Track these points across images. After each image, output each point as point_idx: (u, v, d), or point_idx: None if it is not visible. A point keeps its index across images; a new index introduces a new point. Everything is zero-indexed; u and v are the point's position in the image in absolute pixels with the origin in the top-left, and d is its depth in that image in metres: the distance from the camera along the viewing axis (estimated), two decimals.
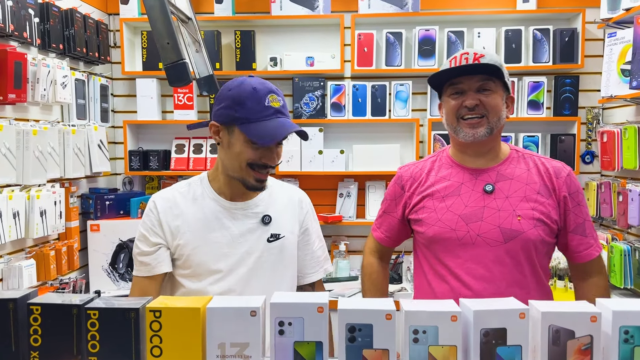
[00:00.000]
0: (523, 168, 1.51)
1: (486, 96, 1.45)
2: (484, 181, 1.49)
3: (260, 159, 1.38)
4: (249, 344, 0.87)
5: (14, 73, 2.15)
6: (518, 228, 1.43)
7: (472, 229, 1.45)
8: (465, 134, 1.46)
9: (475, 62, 1.43)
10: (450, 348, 0.86)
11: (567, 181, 1.49)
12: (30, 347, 0.92)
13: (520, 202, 1.45)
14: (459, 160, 1.55)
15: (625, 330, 0.86)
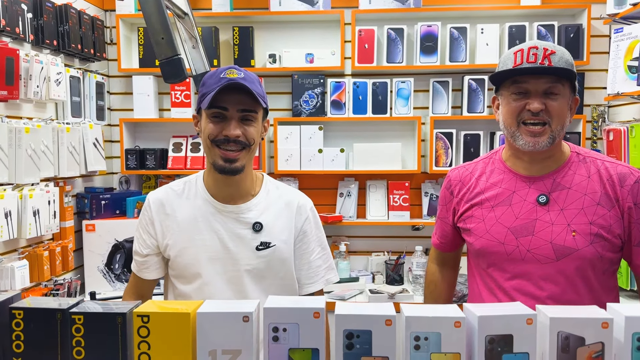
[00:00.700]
0: (583, 175, 1.38)
1: (553, 100, 1.33)
2: (538, 190, 1.39)
3: (221, 132, 1.36)
4: (241, 351, 0.84)
5: (6, 69, 2.12)
6: (572, 245, 1.33)
7: (522, 243, 1.36)
8: (525, 142, 1.35)
9: (545, 59, 1.30)
10: (453, 355, 0.82)
11: (634, 189, 1.34)
12: (13, 353, 0.88)
13: (577, 216, 1.34)
14: (511, 166, 1.45)
15: (638, 337, 0.82)
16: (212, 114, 1.37)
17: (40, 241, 2.57)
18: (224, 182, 1.43)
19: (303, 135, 3.17)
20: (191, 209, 1.45)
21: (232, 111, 1.36)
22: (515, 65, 1.34)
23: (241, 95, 1.35)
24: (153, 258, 1.49)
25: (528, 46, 1.35)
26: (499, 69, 1.40)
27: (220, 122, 1.36)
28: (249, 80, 1.36)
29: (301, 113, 3.21)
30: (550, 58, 1.31)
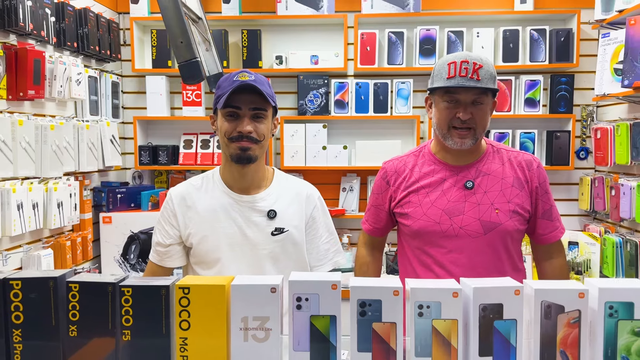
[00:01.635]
0: (498, 163, 1.60)
1: (478, 110, 1.51)
2: (465, 178, 1.58)
3: (235, 129, 1.47)
4: (269, 317, 0.95)
5: (34, 70, 2.22)
6: (496, 220, 1.54)
7: (455, 222, 1.55)
8: (453, 142, 1.54)
9: (474, 73, 1.47)
10: (452, 322, 0.94)
11: (537, 172, 1.60)
12: (69, 321, 0.99)
13: (497, 196, 1.56)
14: (441, 157, 1.62)
15: (610, 306, 0.93)
16: (227, 112, 1.48)
17: (61, 232, 2.68)
18: (240, 173, 1.55)
19: (308, 133, 3.28)
20: (210, 200, 1.56)
21: (244, 110, 1.47)
22: (449, 76, 1.49)
23: (252, 95, 1.47)
24: (175, 247, 1.59)
25: (460, 59, 1.49)
26: (435, 77, 1.55)
27: (234, 120, 1.48)
28: (259, 81, 1.48)
29: (306, 112, 3.32)
30: (479, 72, 1.48)
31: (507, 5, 3.31)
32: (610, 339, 0.94)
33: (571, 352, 0.94)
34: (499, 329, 0.94)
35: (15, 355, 1.00)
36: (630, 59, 2.40)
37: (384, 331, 0.94)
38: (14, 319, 1.00)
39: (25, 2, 2.19)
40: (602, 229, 3.10)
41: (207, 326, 0.96)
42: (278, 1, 3.25)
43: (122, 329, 0.98)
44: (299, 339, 0.95)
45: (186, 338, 0.97)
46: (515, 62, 3.24)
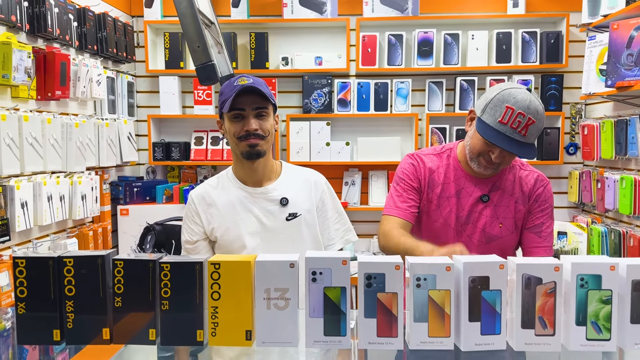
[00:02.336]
0: (511, 179, 1.67)
1: (511, 156, 1.55)
2: (481, 191, 1.65)
3: (243, 129, 1.59)
4: (288, 289, 1.08)
5: (60, 72, 2.35)
6: (498, 234, 1.64)
7: (465, 230, 1.65)
8: (477, 168, 1.60)
9: (523, 130, 1.45)
10: (445, 292, 1.06)
11: (541, 191, 1.65)
12: (115, 294, 1.12)
13: (504, 212, 1.64)
14: (465, 168, 1.67)
15: (581, 278, 1.06)
16: (233, 115, 1.60)
17: (82, 223, 2.81)
18: (251, 169, 1.67)
19: (312, 130, 3.41)
20: (227, 196, 1.68)
21: (248, 110, 1.59)
22: (501, 121, 1.47)
23: (254, 96, 1.59)
24: (202, 243, 1.71)
25: (519, 110, 1.45)
26: (489, 108, 1.51)
27: (240, 121, 1.60)
28: (257, 83, 1.60)
29: (311, 110, 3.44)
30: (529, 128, 1.46)
31: (501, 9, 3.43)
32: (582, 307, 1.06)
33: (548, 318, 1.07)
34: (485, 298, 1.06)
35: (67, 323, 1.13)
36: (613, 61, 2.52)
37: (387, 300, 1.07)
38: (67, 292, 1.12)
39: (53, 9, 2.31)
40: (589, 220, 3.23)
41: (235, 297, 1.09)
42: (284, 5, 3.37)
43: (161, 300, 1.10)
44: (314, 307, 1.08)
45: (217, 307, 1.09)
46: (508, 63, 3.36)
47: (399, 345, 1.06)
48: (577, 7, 3.20)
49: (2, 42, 1.96)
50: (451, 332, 1.06)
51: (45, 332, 1.11)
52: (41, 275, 1.10)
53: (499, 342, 1.07)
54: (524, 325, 1.06)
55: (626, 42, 2.45)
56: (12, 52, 1.98)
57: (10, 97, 2.16)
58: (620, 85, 2.50)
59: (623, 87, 2.49)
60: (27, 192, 2.17)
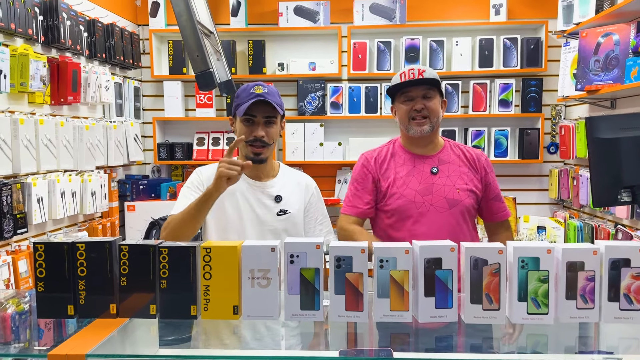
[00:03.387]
0: (455, 155, 1.88)
1: (429, 101, 1.79)
2: (430, 165, 1.85)
3: (251, 134, 1.73)
4: (270, 270, 1.21)
5: (72, 79, 2.49)
6: (458, 198, 1.81)
7: (426, 200, 1.81)
8: (414, 130, 1.81)
9: (419, 75, 1.76)
10: (404, 272, 1.20)
11: (485, 164, 1.89)
12: (120, 274, 1.26)
13: (457, 179, 1.83)
14: (409, 149, 1.88)
15: (522, 260, 1.19)
16: (245, 119, 1.75)
17: (92, 218, 2.96)
18: (253, 167, 1.81)
19: (307, 131, 3.54)
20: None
21: (259, 117, 1.74)
22: (401, 80, 1.79)
23: (265, 105, 1.73)
24: None
25: (408, 69, 1.80)
26: (391, 86, 1.82)
27: (250, 125, 1.74)
28: (271, 94, 1.74)
29: (305, 112, 3.57)
30: (423, 74, 1.76)
31: (483, 16, 3.55)
32: (523, 285, 1.20)
33: (493, 295, 1.20)
34: (439, 276, 1.20)
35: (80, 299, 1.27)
36: (582, 66, 2.64)
37: (354, 279, 1.20)
38: (79, 273, 1.26)
39: (66, 22, 2.46)
40: (567, 215, 3.36)
41: (223, 277, 1.23)
42: (280, 15, 3.51)
43: (160, 279, 1.24)
44: (292, 285, 1.22)
45: (208, 286, 1.23)
46: (490, 67, 3.49)
47: (364, 318, 1.20)
48: (555, 14, 3.31)
49: (20, 54, 2.11)
50: (410, 306, 1.20)
51: (61, 307, 1.24)
52: (57, 258, 1.23)
53: (451, 314, 1.20)
54: (472, 301, 1.19)
55: (594, 49, 2.57)
56: (29, 62, 2.13)
57: (27, 103, 2.31)
58: (589, 89, 2.62)
59: (591, 90, 2.62)
60: (43, 188, 2.32)
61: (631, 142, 1.45)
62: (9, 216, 2.10)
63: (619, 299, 1.18)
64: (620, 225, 2.63)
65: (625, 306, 1.18)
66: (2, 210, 2.06)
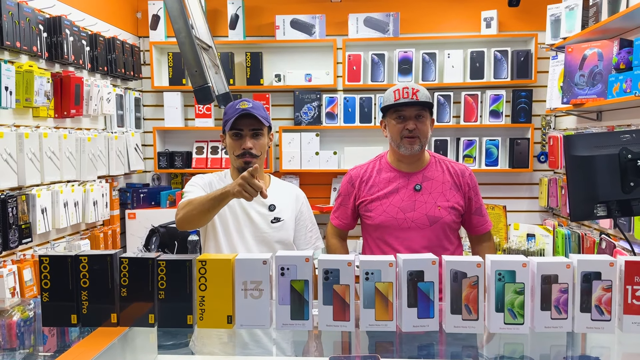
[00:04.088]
0: (439, 171, 1.92)
1: (420, 122, 1.84)
2: (414, 182, 1.90)
3: (240, 147, 1.81)
4: (262, 281, 1.27)
5: (75, 93, 2.56)
6: (438, 215, 1.86)
7: (408, 217, 1.86)
8: (405, 149, 1.85)
9: (414, 96, 1.80)
10: (389, 283, 1.26)
11: (469, 179, 1.92)
12: (121, 285, 1.32)
13: (439, 197, 1.88)
14: (395, 166, 1.92)
15: (499, 273, 1.25)
16: (233, 134, 1.83)
17: (94, 226, 3.02)
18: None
19: (303, 141, 3.61)
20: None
21: (245, 131, 1.82)
22: (395, 99, 1.82)
23: (251, 119, 1.81)
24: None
25: (402, 87, 1.82)
26: (385, 103, 1.86)
27: (239, 139, 1.82)
28: (255, 107, 1.82)
29: (301, 122, 3.64)
30: (417, 94, 1.81)
31: (474, 29, 3.63)
32: (500, 297, 1.26)
33: (472, 306, 1.26)
34: (421, 288, 1.26)
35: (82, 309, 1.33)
36: (568, 80, 2.71)
37: (341, 291, 1.26)
38: (82, 284, 1.32)
39: (69, 38, 2.53)
40: (556, 223, 3.42)
41: (218, 288, 1.29)
42: (277, 27, 3.58)
43: (158, 290, 1.30)
44: (283, 296, 1.28)
45: (203, 297, 1.29)
46: (481, 79, 3.56)
47: (351, 327, 1.26)
48: (545, 27, 3.39)
49: (25, 70, 2.18)
50: (394, 316, 1.26)
51: (65, 316, 1.30)
52: (61, 270, 1.29)
53: (433, 324, 1.26)
54: (452, 311, 1.26)
55: (579, 63, 2.64)
56: (34, 78, 2.20)
57: (32, 117, 2.37)
58: (574, 103, 2.69)
59: (576, 104, 2.69)
60: (46, 199, 2.39)
61: (605, 159, 1.51)
62: (15, 227, 2.16)
63: (590, 310, 1.23)
64: (605, 234, 2.69)
65: (597, 317, 1.24)
66: (7, 221, 2.12)
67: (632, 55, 2.25)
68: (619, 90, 2.30)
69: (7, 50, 2.21)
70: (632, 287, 1.21)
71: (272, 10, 3.65)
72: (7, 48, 2.16)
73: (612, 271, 1.22)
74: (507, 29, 3.62)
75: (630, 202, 1.52)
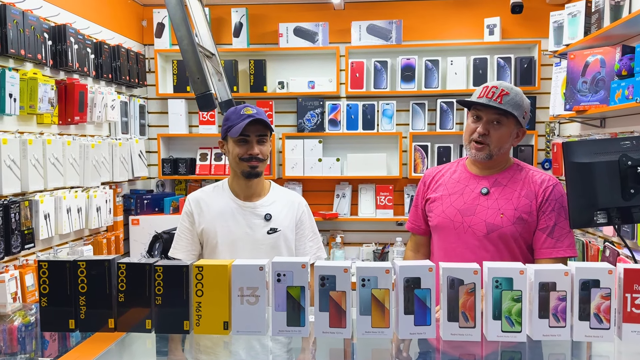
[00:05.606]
0: (517, 178, 1.72)
1: (495, 129, 1.65)
2: (482, 185, 1.73)
3: (246, 152, 1.81)
4: (258, 287, 1.27)
5: (79, 100, 2.59)
6: (499, 223, 1.67)
7: (466, 221, 1.70)
8: (470, 153, 1.72)
9: (498, 98, 1.61)
10: (385, 290, 1.25)
11: (550, 190, 1.68)
12: (118, 291, 1.32)
13: (506, 204, 1.68)
14: (469, 168, 1.79)
15: (496, 280, 1.24)
16: (239, 139, 1.82)
17: (97, 232, 3.03)
18: (246, 185, 1.88)
19: (306, 147, 3.61)
20: (220, 205, 1.89)
21: (252, 137, 1.82)
22: (479, 96, 1.66)
23: (257, 125, 1.81)
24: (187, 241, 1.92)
25: (492, 84, 1.65)
26: (474, 93, 1.70)
27: (245, 144, 1.82)
28: (260, 114, 1.83)
29: (304, 129, 3.65)
30: (503, 97, 1.62)
31: (477, 36, 3.63)
32: (497, 304, 1.25)
33: (469, 313, 1.25)
34: (418, 295, 1.25)
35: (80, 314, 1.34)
36: (570, 87, 2.70)
37: (338, 297, 1.26)
38: (80, 289, 1.33)
39: (73, 46, 2.56)
40: None
41: (215, 294, 1.29)
42: (280, 35, 3.60)
43: (155, 296, 1.30)
44: (279, 303, 1.27)
45: (200, 303, 1.29)
46: None
47: (347, 334, 1.25)
48: (548, 34, 3.39)
49: (30, 78, 2.21)
50: (390, 323, 1.25)
51: (63, 321, 1.30)
52: (60, 275, 1.30)
53: (429, 331, 1.25)
54: (449, 319, 1.25)
55: (581, 70, 2.63)
56: (38, 86, 2.23)
57: (36, 124, 2.40)
58: (577, 109, 2.68)
59: (579, 110, 2.68)
60: (50, 205, 2.41)
61: (605, 166, 1.50)
62: (17, 232, 2.18)
63: (589, 318, 1.22)
64: (609, 242, 2.67)
65: (595, 325, 1.22)
66: (10, 226, 2.14)
67: (634, 62, 2.24)
68: (621, 97, 2.28)
69: (11, 58, 2.24)
70: (632, 295, 1.20)
71: (275, 18, 3.67)
72: (11, 56, 2.19)
73: (610, 279, 1.21)
74: (510, 35, 3.62)
75: (630, 209, 1.51)
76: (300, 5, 3.69)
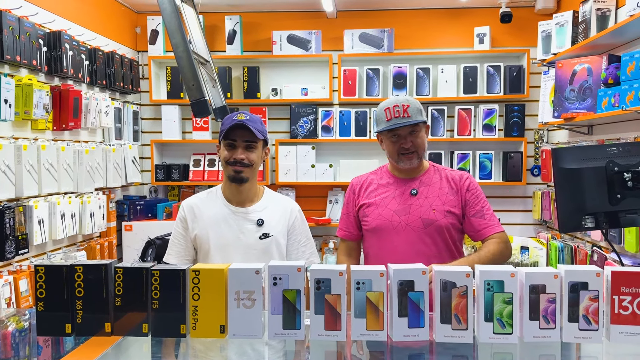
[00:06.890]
0: (437, 178, 1.94)
1: (415, 137, 1.85)
2: (410, 187, 1.92)
3: (232, 157, 1.83)
4: (254, 291, 1.29)
5: (73, 106, 2.59)
6: (433, 218, 1.87)
7: (402, 220, 1.88)
8: (404, 164, 1.88)
9: (405, 113, 1.81)
10: (379, 293, 1.27)
11: (466, 182, 1.92)
12: (115, 295, 1.33)
13: (435, 200, 1.89)
14: (394, 174, 1.96)
15: (487, 283, 1.27)
16: (227, 144, 1.85)
17: (91, 237, 3.02)
18: (237, 190, 1.90)
19: (299, 154, 3.64)
20: (213, 210, 1.90)
21: (239, 142, 1.84)
22: (387, 119, 1.83)
23: (245, 131, 1.83)
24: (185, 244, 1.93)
25: (392, 105, 1.83)
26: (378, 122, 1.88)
27: (232, 149, 1.84)
28: (252, 120, 1.84)
29: (297, 135, 3.67)
30: (408, 111, 1.82)
31: (468, 45, 3.68)
32: (489, 306, 1.27)
33: (462, 315, 1.28)
34: (411, 298, 1.27)
35: (77, 318, 1.34)
36: (559, 95, 2.76)
37: (333, 300, 1.28)
38: (77, 293, 1.33)
39: (68, 52, 2.56)
40: (550, 236, 3.44)
41: (211, 298, 1.30)
42: (274, 43, 3.63)
43: (152, 300, 1.31)
44: (275, 306, 1.29)
45: (197, 306, 1.30)
46: (475, 94, 3.60)
47: (342, 337, 1.27)
48: (536, 43, 3.45)
49: (25, 84, 2.21)
50: (384, 325, 1.27)
51: (59, 326, 1.31)
52: (56, 279, 1.30)
53: (423, 334, 1.27)
54: (442, 321, 1.27)
55: (569, 78, 2.69)
56: (33, 92, 2.23)
57: (30, 129, 2.40)
58: (565, 117, 2.73)
59: (567, 118, 2.73)
60: (44, 210, 2.40)
61: (593, 172, 1.54)
62: (11, 237, 2.17)
63: (578, 319, 1.25)
64: (596, 247, 2.71)
65: (584, 326, 1.25)
66: (4, 232, 2.13)
67: (619, 70, 2.30)
68: (607, 105, 2.34)
69: (7, 64, 2.24)
70: (619, 297, 1.23)
71: (269, 26, 3.70)
72: (7, 62, 2.19)
73: (598, 281, 1.23)
74: (499, 44, 3.68)
75: (617, 214, 1.55)
76: (294, 13, 3.73)
